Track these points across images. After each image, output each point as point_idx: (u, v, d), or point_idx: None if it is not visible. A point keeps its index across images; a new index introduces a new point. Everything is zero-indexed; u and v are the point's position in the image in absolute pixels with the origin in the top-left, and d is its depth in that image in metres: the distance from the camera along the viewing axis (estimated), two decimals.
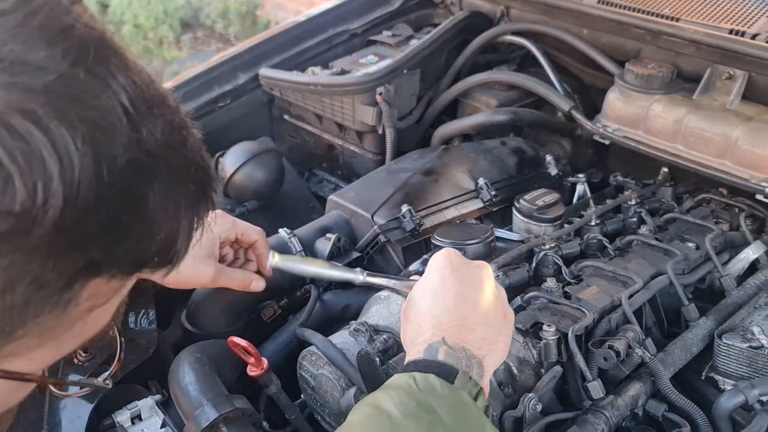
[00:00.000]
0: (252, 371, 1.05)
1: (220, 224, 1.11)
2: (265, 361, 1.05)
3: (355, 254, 1.31)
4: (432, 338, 0.82)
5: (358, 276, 1.08)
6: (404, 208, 1.35)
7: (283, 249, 1.30)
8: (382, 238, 1.34)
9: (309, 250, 1.32)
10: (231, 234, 1.13)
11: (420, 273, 1.16)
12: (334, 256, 1.30)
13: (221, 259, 1.15)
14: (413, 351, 0.84)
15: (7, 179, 0.39)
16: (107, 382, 0.68)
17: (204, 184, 0.52)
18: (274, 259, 1.12)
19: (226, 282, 1.12)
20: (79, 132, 0.41)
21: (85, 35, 0.44)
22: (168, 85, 1.89)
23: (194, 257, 1.05)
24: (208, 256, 1.08)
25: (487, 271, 0.90)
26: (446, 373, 0.79)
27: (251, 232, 1.15)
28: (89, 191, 0.42)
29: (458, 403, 0.77)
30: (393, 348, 1.08)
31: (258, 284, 1.16)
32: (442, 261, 0.90)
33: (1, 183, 0.39)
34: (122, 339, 0.68)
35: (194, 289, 1.27)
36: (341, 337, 1.10)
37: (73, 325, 0.49)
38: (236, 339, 1.04)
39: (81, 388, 0.73)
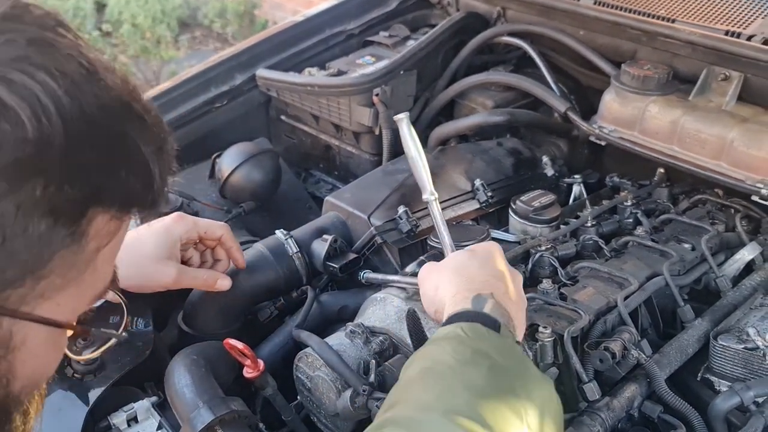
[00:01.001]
0: (248, 373, 1.05)
1: (180, 225, 1.12)
2: (261, 363, 1.05)
3: (352, 255, 1.31)
4: (482, 290, 0.89)
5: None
6: (401, 209, 1.35)
7: (279, 250, 1.30)
8: (378, 240, 1.34)
9: (305, 251, 1.32)
10: (193, 234, 1.15)
11: (416, 274, 1.16)
12: (331, 257, 1.30)
13: (187, 262, 1.17)
14: (453, 305, 0.89)
15: (17, 117, 0.48)
16: (123, 334, 0.77)
17: (162, 139, 0.60)
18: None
19: (189, 282, 1.14)
20: (60, 81, 0.50)
21: (39, 12, 0.54)
22: (165, 85, 1.89)
23: (154, 259, 1.09)
24: (169, 258, 1.11)
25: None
26: (491, 323, 0.85)
27: (215, 228, 1.17)
28: (81, 124, 0.51)
29: (509, 347, 0.84)
30: (389, 350, 1.08)
31: (223, 283, 1.17)
32: (491, 244, 1.02)
33: (13, 119, 0.48)
34: (125, 299, 0.75)
35: (191, 290, 1.27)
36: (337, 339, 1.10)
37: (87, 266, 0.57)
38: (232, 341, 1.04)
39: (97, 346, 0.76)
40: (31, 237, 0.50)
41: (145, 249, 1.09)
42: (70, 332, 0.62)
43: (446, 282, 0.94)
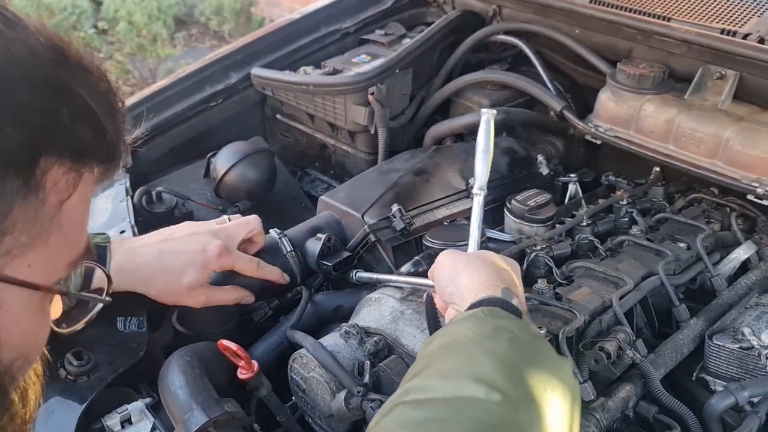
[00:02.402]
0: (242, 374, 1.05)
1: (220, 262, 1.18)
2: (255, 364, 1.05)
3: (346, 254, 1.31)
4: (509, 285, 0.91)
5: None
6: (394, 207, 1.35)
7: (273, 249, 1.30)
8: (371, 238, 1.34)
9: (299, 250, 1.31)
10: (228, 266, 1.20)
11: (411, 274, 1.16)
12: (324, 255, 1.30)
13: None
14: (483, 290, 0.90)
15: None
16: (107, 298, 0.74)
17: (109, 91, 0.61)
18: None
19: (216, 303, 1.20)
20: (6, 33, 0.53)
21: None
22: (160, 84, 1.89)
23: (188, 287, 1.15)
24: (201, 287, 1.17)
25: None
26: (513, 310, 0.87)
27: (248, 268, 1.22)
28: (12, 66, 0.52)
29: (528, 326, 0.87)
30: (384, 350, 1.08)
31: (248, 299, 1.24)
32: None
33: None
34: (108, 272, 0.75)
35: None
36: (332, 340, 1.10)
37: (51, 223, 0.56)
38: (226, 342, 1.04)
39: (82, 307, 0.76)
40: None
41: (181, 280, 1.15)
42: (52, 300, 0.63)
43: (473, 272, 0.95)
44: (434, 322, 1.01)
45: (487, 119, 1.18)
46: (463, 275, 0.94)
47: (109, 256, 1.10)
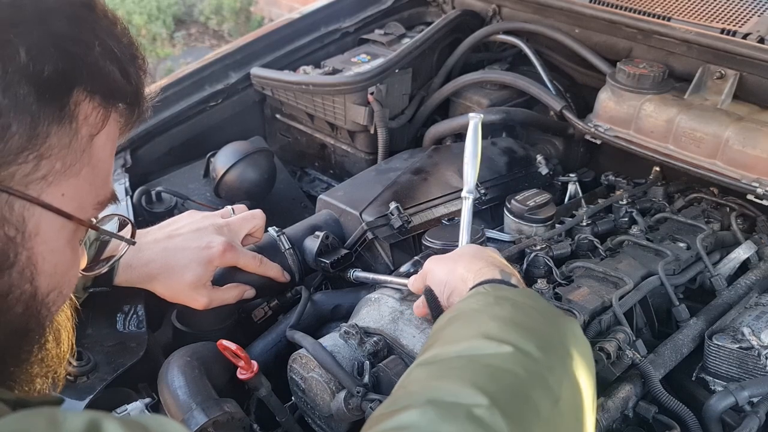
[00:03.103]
0: (242, 374, 1.05)
1: (223, 259, 1.18)
2: (255, 365, 1.05)
3: (343, 251, 1.31)
4: (505, 269, 0.94)
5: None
6: (392, 205, 1.35)
7: (272, 247, 1.30)
8: (369, 235, 1.34)
9: (298, 248, 1.31)
10: (231, 263, 1.20)
11: (411, 274, 1.16)
12: (322, 253, 1.30)
13: None
14: (479, 276, 0.93)
15: None
16: (133, 240, 0.81)
17: (132, 45, 0.67)
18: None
19: (219, 303, 1.19)
20: None
21: None
22: (160, 83, 1.89)
23: (191, 286, 1.15)
24: (204, 286, 1.17)
25: None
26: (513, 286, 0.91)
27: (252, 265, 1.22)
28: (61, 4, 0.59)
29: (531, 292, 0.90)
30: (383, 351, 1.08)
31: (249, 293, 1.23)
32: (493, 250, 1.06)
33: None
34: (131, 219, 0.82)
35: None
36: (331, 340, 1.10)
37: (83, 155, 0.62)
38: (226, 342, 1.04)
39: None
40: (21, 106, 0.56)
41: (184, 277, 1.15)
42: (83, 240, 0.68)
43: (467, 263, 0.97)
44: (438, 310, 1.01)
45: (475, 124, 1.18)
46: (458, 271, 0.96)
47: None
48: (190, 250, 1.15)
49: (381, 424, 0.65)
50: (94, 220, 0.70)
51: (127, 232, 0.82)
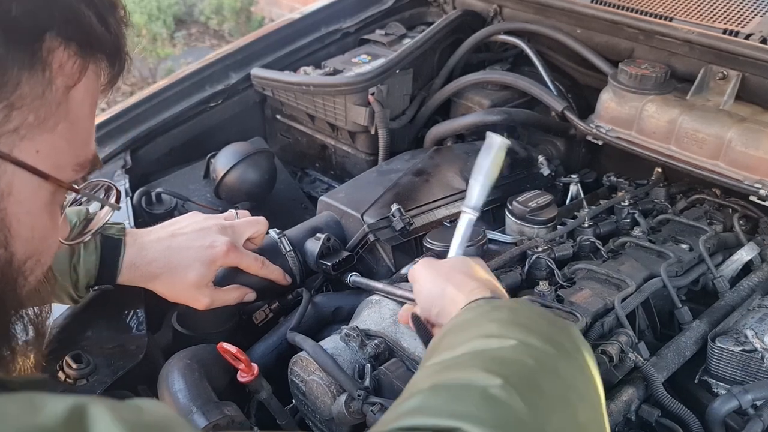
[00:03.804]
0: (242, 377, 1.04)
1: (225, 260, 1.16)
2: (255, 367, 1.04)
3: (345, 254, 1.30)
4: (497, 291, 0.91)
5: None
6: (394, 207, 1.35)
7: (273, 249, 1.29)
8: (371, 237, 1.33)
9: (299, 251, 1.31)
10: (234, 265, 1.20)
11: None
12: (324, 255, 1.29)
13: None
14: (472, 296, 0.88)
15: None
16: (118, 204, 0.78)
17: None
18: None
19: (220, 304, 1.18)
20: None
21: None
22: (160, 84, 1.88)
23: (192, 286, 1.14)
24: (207, 286, 1.16)
25: None
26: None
27: (254, 266, 1.21)
28: None
29: (525, 302, 0.90)
30: (384, 353, 1.07)
31: (250, 296, 1.22)
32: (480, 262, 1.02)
33: None
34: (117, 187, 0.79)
35: None
36: (332, 342, 1.09)
37: (58, 108, 0.58)
38: (226, 345, 1.03)
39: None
40: None
41: (187, 276, 1.13)
42: (63, 208, 0.65)
43: (458, 282, 0.93)
44: (427, 335, 1.00)
45: (498, 148, 1.11)
46: (448, 290, 0.92)
47: (123, 249, 1.11)
48: (193, 249, 1.14)
49: (388, 415, 0.63)
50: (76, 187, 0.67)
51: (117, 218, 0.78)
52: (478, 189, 1.10)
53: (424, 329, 0.97)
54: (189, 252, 1.14)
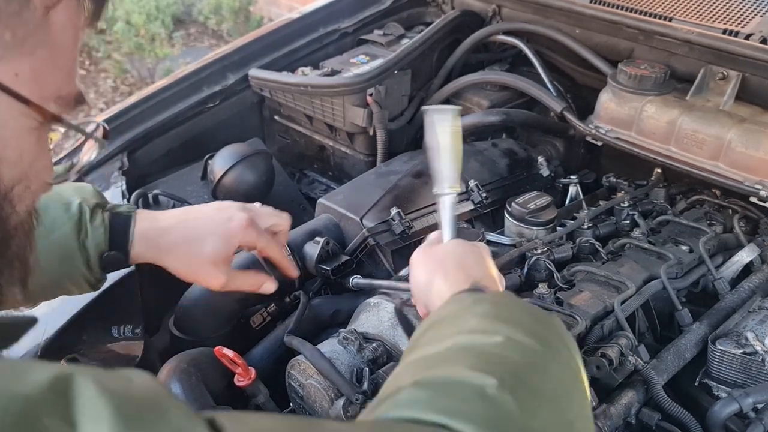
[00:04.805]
0: (239, 381, 1.03)
1: (244, 236, 1.08)
2: (252, 371, 1.04)
3: (344, 258, 1.29)
4: (479, 279, 0.87)
5: None
6: (393, 210, 1.34)
7: None
8: (371, 241, 1.32)
9: (298, 254, 1.30)
10: (252, 243, 1.11)
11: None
12: (323, 259, 1.28)
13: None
14: (449, 288, 0.87)
15: None
16: (103, 123, 0.74)
17: None
18: None
19: (236, 287, 1.11)
20: None
21: None
22: (157, 85, 1.87)
23: (209, 261, 1.05)
24: (223, 261, 1.07)
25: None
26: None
27: (272, 248, 1.13)
28: None
29: (507, 293, 0.87)
30: (383, 357, 1.07)
31: (269, 286, 1.13)
32: (482, 245, 1.00)
33: None
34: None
35: (182, 295, 1.26)
36: (330, 346, 1.08)
37: (36, 29, 0.56)
38: (223, 350, 1.03)
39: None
40: None
41: (203, 249, 1.05)
42: (48, 133, 0.63)
43: (445, 274, 0.91)
44: (410, 329, 0.99)
45: (438, 118, 1.05)
46: (436, 282, 0.91)
47: (134, 222, 1.05)
48: (211, 222, 1.08)
49: (373, 405, 0.61)
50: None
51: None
52: (443, 168, 1.05)
53: (406, 322, 0.98)
54: (206, 224, 1.07)
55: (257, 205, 1.19)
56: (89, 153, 0.76)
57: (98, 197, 1.05)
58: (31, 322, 0.59)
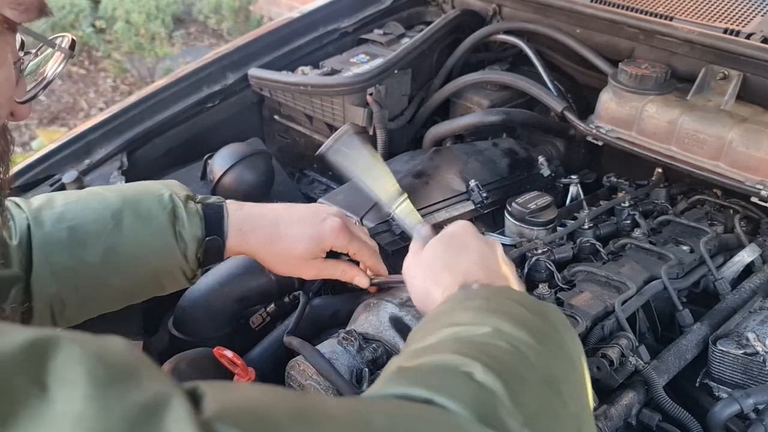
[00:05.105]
0: (239, 381, 1.03)
1: (335, 239, 1.11)
2: (251, 372, 1.04)
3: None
4: (467, 279, 0.85)
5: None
6: (355, 219, 1.33)
7: None
8: None
9: None
10: (342, 248, 1.13)
11: None
12: None
13: None
14: (441, 293, 0.86)
15: None
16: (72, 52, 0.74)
17: None
18: None
19: (328, 276, 1.14)
20: None
21: None
22: (157, 85, 1.87)
23: (302, 259, 1.09)
24: (314, 258, 1.11)
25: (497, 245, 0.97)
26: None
27: (364, 252, 1.14)
28: None
29: (501, 290, 0.83)
30: (382, 357, 1.06)
31: (361, 280, 1.15)
32: (461, 224, 0.98)
33: None
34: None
35: (182, 295, 1.26)
36: (330, 346, 1.08)
37: None
38: (222, 350, 1.02)
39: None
40: None
41: (297, 247, 1.09)
42: (9, 47, 0.62)
43: (433, 282, 0.91)
44: (407, 333, 0.98)
45: (346, 143, 1.08)
46: (431, 291, 0.90)
47: (226, 212, 1.07)
48: (304, 223, 1.10)
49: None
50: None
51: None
52: (379, 187, 1.09)
53: (401, 329, 0.98)
54: (300, 225, 1.09)
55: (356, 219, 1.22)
56: (55, 66, 0.75)
57: (186, 189, 1.07)
58: (17, 278, 0.58)
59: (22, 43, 0.72)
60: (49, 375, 0.38)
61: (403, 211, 1.09)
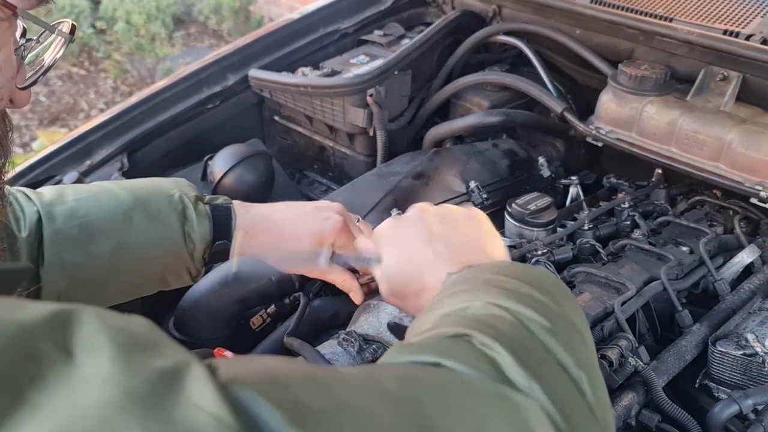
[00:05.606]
0: None
1: (336, 238, 1.10)
2: None
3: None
4: (461, 266, 0.82)
5: None
6: (394, 212, 1.34)
7: None
8: None
9: None
10: (343, 248, 1.12)
11: None
12: None
13: None
14: (439, 276, 0.84)
15: None
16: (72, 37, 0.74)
17: None
18: None
19: (331, 279, 1.14)
20: None
21: None
22: (157, 86, 1.87)
23: (307, 260, 1.10)
24: (319, 254, 1.10)
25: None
26: None
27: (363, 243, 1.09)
28: None
29: (490, 266, 0.79)
30: None
31: (356, 296, 1.15)
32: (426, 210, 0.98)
33: None
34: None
35: (182, 296, 1.26)
36: (330, 347, 1.08)
37: None
38: (223, 351, 1.03)
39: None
40: None
41: (302, 247, 1.09)
42: (10, 32, 0.62)
43: (425, 268, 0.88)
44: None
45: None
46: (425, 293, 0.87)
47: (234, 214, 1.08)
48: (308, 223, 1.10)
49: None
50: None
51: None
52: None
53: (399, 333, 0.98)
54: (304, 226, 1.10)
55: (357, 217, 1.20)
56: (55, 51, 0.76)
57: (194, 189, 1.08)
58: (27, 271, 0.58)
59: (24, 31, 0.72)
60: (73, 342, 0.39)
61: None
